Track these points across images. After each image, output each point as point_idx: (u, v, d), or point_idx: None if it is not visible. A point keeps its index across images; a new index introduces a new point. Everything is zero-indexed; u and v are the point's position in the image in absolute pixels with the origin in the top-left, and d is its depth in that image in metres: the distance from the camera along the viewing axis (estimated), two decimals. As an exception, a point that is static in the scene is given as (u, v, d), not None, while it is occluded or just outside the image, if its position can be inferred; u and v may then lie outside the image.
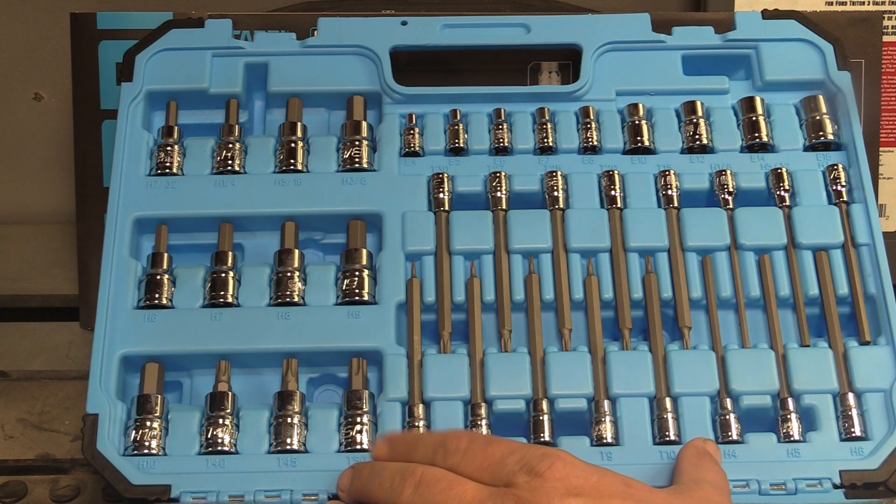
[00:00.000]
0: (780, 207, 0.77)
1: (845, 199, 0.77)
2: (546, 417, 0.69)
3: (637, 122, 0.79)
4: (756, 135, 0.79)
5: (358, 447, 0.69)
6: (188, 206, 0.76)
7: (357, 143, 0.78)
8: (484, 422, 0.69)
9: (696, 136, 0.79)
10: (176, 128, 0.79)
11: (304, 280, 0.74)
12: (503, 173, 0.77)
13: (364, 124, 0.79)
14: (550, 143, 0.79)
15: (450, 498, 0.55)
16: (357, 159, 0.78)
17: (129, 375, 0.72)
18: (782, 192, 0.77)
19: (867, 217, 0.76)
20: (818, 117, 0.79)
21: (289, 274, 0.74)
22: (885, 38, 0.91)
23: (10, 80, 1.00)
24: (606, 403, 0.70)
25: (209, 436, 0.69)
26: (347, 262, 0.75)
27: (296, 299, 0.73)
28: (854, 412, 0.70)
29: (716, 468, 0.64)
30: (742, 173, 0.78)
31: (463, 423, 0.70)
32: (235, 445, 0.69)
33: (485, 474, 0.57)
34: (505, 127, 0.79)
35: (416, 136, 0.79)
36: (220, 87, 0.80)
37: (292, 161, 0.78)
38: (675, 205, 0.77)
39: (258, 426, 0.70)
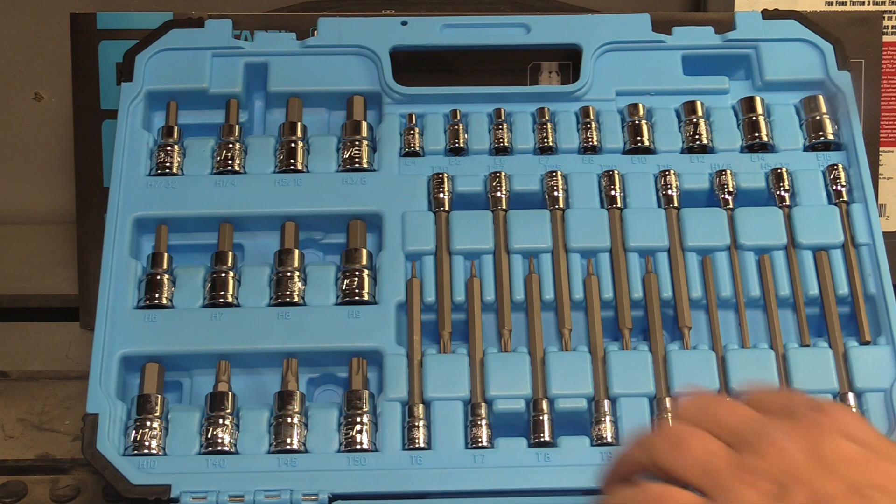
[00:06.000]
0: (780, 207, 0.77)
1: (845, 199, 0.77)
2: (546, 417, 0.69)
3: (637, 122, 0.79)
4: (756, 135, 0.79)
5: (358, 447, 0.69)
6: (188, 206, 0.76)
7: (357, 143, 0.78)
8: (484, 422, 0.69)
9: (696, 136, 0.79)
10: (176, 128, 0.79)
11: (304, 280, 0.74)
12: (503, 173, 0.77)
13: (364, 124, 0.79)
14: (550, 143, 0.79)
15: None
16: (357, 159, 0.78)
17: (129, 375, 0.72)
18: (782, 192, 0.77)
19: (867, 217, 0.76)
20: (818, 117, 0.79)
21: (289, 274, 0.74)
22: (885, 38, 0.91)
23: (10, 80, 1.00)
24: (606, 403, 0.70)
25: (209, 436, 0.69)
26: (347, 262, 0.75)
27: (296, 299, 0.73)
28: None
29: None
30: (742, 173, 0.78)
31: (463, 423, 0.70)
32: (235, 445, 0.69)
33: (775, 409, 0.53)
34: (505, 127, 0.79)
35: (416, 136, 0.79)
36: (220, 87, 0.80)
37: (292, 161, 0.78)
38: (675, 205, 0.77)
39: (258, 426, 0.70)
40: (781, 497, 0.48)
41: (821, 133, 0.79)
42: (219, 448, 0.69)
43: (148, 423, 0.69)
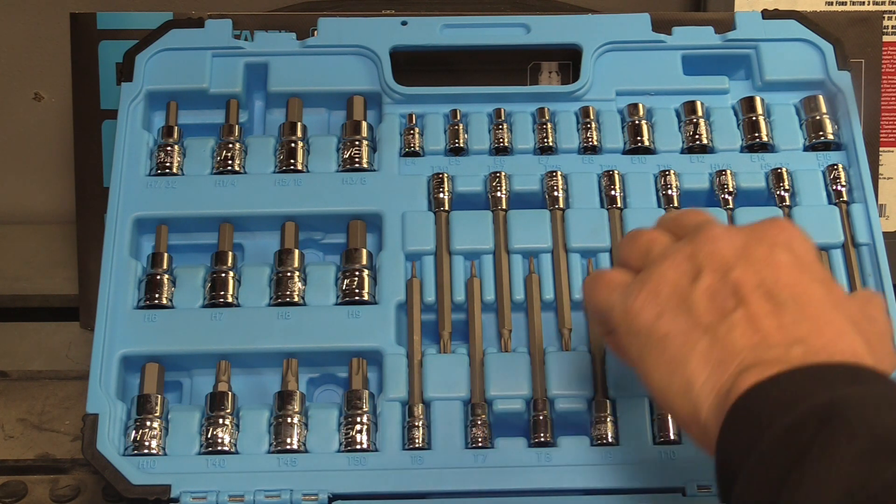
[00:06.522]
0: (780, 207, 0.77)
1: (845, 199, 0.77)
2: (546, 417, 0.69)
3: (637, 121, 0.79)
4: (756, 135, 0.79)
5: (358, 447, 0.69)
6: (188, 206, 0.76)
7: (357, 143, 0.78)
8: (483, 421, 0.69)
9: (696, 136, 0.79)
10: (176, 128, 0.79)
11: (304, 280, 0.74)
12: (503, 173, 0.77)
13: (364, 124, 0.79)
14: (550, 143, 0.79)
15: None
16: (357, 159, 0.78)
17: (129, 375, 0.72)
18: (782, 192, 0.77)
19: (867, 217, 0.76)
20: (818, 117, 0.79)
21: (289, 274, 0.74)
22: (885, 38, 0.91)
23: (10, 80, 1.00)
24: (606, 403, 0.70)
25: (209, 436, 0.69)
26: (347, 262, 0.75)
27: (296, 299, 0.73)
28: (854, 412, 0.70)
29: (886, 313, 0.59)
30: (742, 173, 0.78)
31: (463, 423, 0.70)
32: (235, 445, 0.69)
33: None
34: (505, 127, 0.79)
35: (416, 136, 0.79)
36: (220, 87, 0.80)
37: (292, 161, 0.78)
38: (676, 205, 0.77)
39: (258, 426, 0.70)
40: (696, 278, 0.54)
41: (821, 133, 0.79)
42: (219, 448, 0.69)
43: (148, 423, 0.69)
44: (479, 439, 0.69)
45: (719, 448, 0.49)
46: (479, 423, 0.69)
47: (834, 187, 0.77)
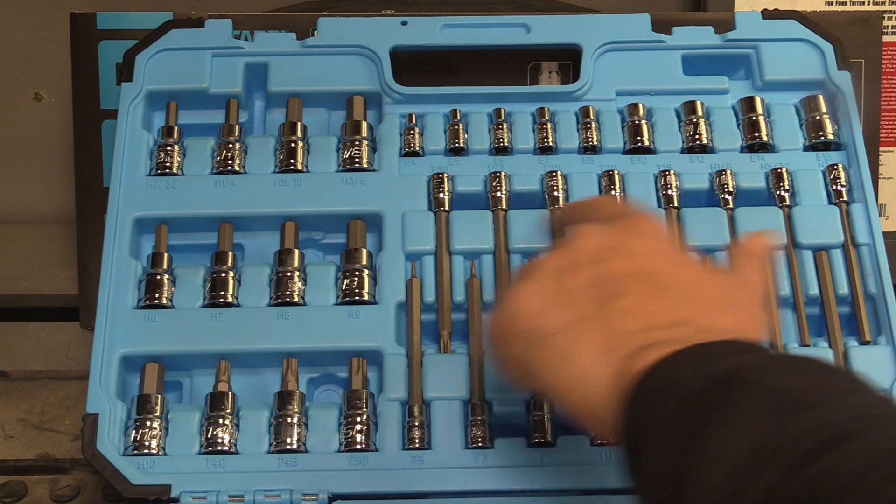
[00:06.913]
0: (780, 207, 0.77)
1: (845, 198, 0.77)
2: (546, 417, 0.69)
3: (637, 121, 0.79)
4: (756, 135, 0.79)
5: (358, 447, 0.69)
6: (188, 206, 0.76)
7: (357, 143, 0.78)
8: (483, 421, 0.69)
9: (696, 136, 0.79)
10: (176, 128, 0.79)
11: (304, 280, 0.74)
12: (503, 173, 0.77)
13: (364, 124, 0.79)
14: (550, 143, 0.79)
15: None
16: (357, 159, 0.78)
17: (129, 375, 0.72)
18: (782, 192, 0.77)
19: (867, 217, 0.76)
20: (818, 117, 0.79)
21: (289, 274, 0.74)
22: (885, 38, 0.91)
23: (10, 80, 1.00)
24: (606, 403, 0.70)
25: (209, 436, 0.69)
26: (347, 262, 0.75)
27: (296, 299, 0.73)
28: (854, 412, 0.70)
29: (761, 271, 0.63)
30: (742, 173, 0.78)
31: (462, 423, 0.70)
32: (235, 445, 0.69)
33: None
34: (505, 127, 0.79)
35: (416, 136, 0.79)
36: (220, 87, 0.80)
37: (292, 161, 0.78)
38: (675, 205, 0.77)
39: (258, 426, 0.70)
40: (575, 274, 0.57)
41: (821, 133, 0.79)
42: (219, 448, 0.69)
43: (148, 423, 0.69)
44: (479, 439, 0.69)
45: (624, 429, 0.51)
46: (479, 423, 0.69)
47: (834, 187, 0.77)
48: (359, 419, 0.69)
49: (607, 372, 0.53)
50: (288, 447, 0.69)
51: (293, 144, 0.78)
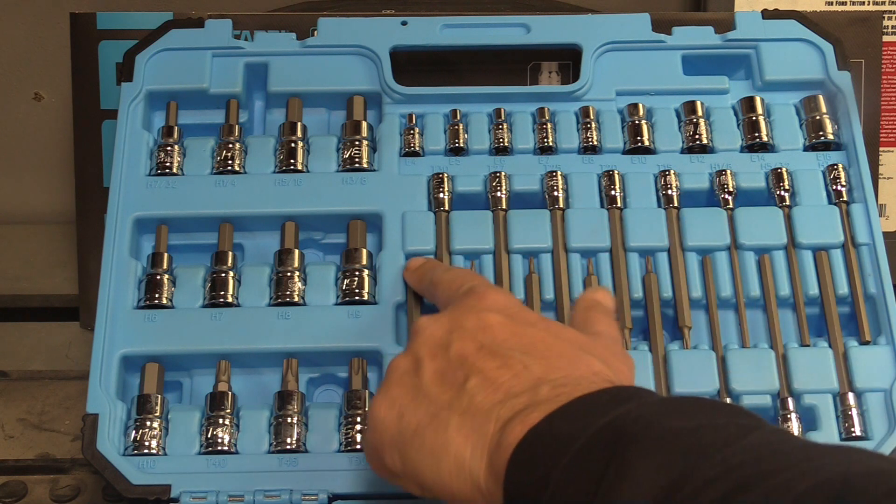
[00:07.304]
0: (780, 207, 0.77)
1: (845, 198, 0.77)
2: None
3: (637, 121, 0.79)
4: (756, 135, 0.79)
5: (358, 447, 0.69)
6: (188, 206, 0.76)
7: (357, 143, 0.78)
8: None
9: (696, 136, 0.79)
10: (176, 128, 0.79)
11: (304, 280, 0.74)
12: (503, 173, 0.77)
13: (364, 124, 0.79)
14: (550, 143, 0.79)
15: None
16: (357, 159, 0.78)
17: (129, 375, 0.72)
18: (782, 192, 0.77)
19: (867, 217, 0.76)
20: (818, 117, 0.79)
21: (289, 274, 0.74)
22: (885, 38, 0.91)
23: (10, 80, 1.00)
24: (606, 403, 0.70)
25: (209, 436, 0.69)
26: (347, 262, 0.75)
27: (296, 299, 0.73)
28: (854, 412, 0.70)
29: (607, 320, 0.64)
30: (742, 173, 0.78)
31: (463, 423, 0.70)
32: (235, 445, 0.69)
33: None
34: (505, 127, 0.79)
35: (416, 136, 0.79)
36: (220, 87, 0.80)
37: (292, 161, 0.78)
38: (675, 204, 0.77)
39: (258, 426, 0.70)
40: (419, 368, 0.57)
41: (821, 133, 0.79)
42: (219, 448, 0.69)
43: (148, 423, 0.69)
44: (479, 439, 0.69)
45: (509, 501, 0.50)
46: (479, 423, 0.69)
47: (834, 187, 0.77)
48: (359, 419, 0.69)
49: (480, 452, 0.52)
50: (288, 447, 0.69)
51: (293, 144, 0.78)
